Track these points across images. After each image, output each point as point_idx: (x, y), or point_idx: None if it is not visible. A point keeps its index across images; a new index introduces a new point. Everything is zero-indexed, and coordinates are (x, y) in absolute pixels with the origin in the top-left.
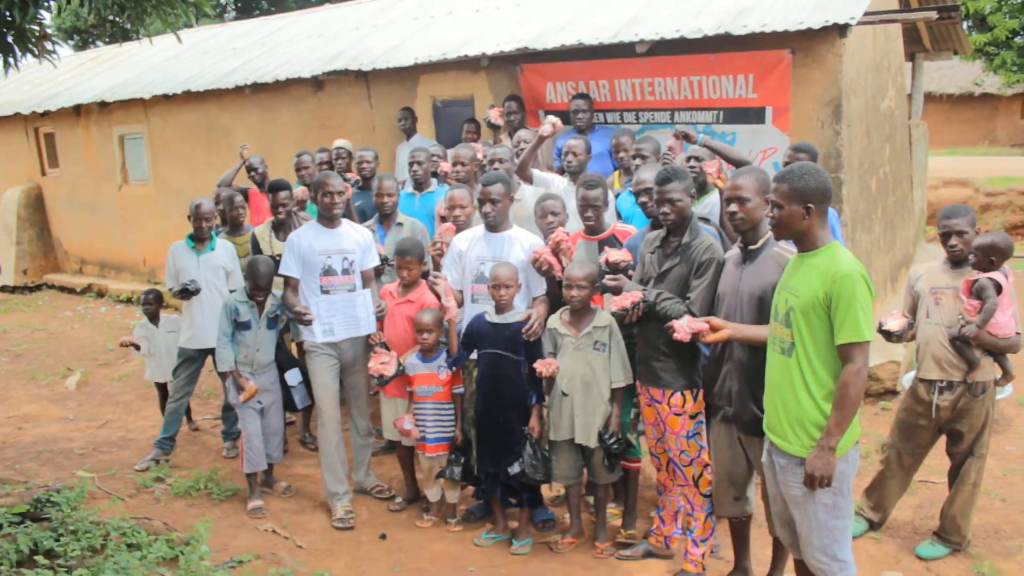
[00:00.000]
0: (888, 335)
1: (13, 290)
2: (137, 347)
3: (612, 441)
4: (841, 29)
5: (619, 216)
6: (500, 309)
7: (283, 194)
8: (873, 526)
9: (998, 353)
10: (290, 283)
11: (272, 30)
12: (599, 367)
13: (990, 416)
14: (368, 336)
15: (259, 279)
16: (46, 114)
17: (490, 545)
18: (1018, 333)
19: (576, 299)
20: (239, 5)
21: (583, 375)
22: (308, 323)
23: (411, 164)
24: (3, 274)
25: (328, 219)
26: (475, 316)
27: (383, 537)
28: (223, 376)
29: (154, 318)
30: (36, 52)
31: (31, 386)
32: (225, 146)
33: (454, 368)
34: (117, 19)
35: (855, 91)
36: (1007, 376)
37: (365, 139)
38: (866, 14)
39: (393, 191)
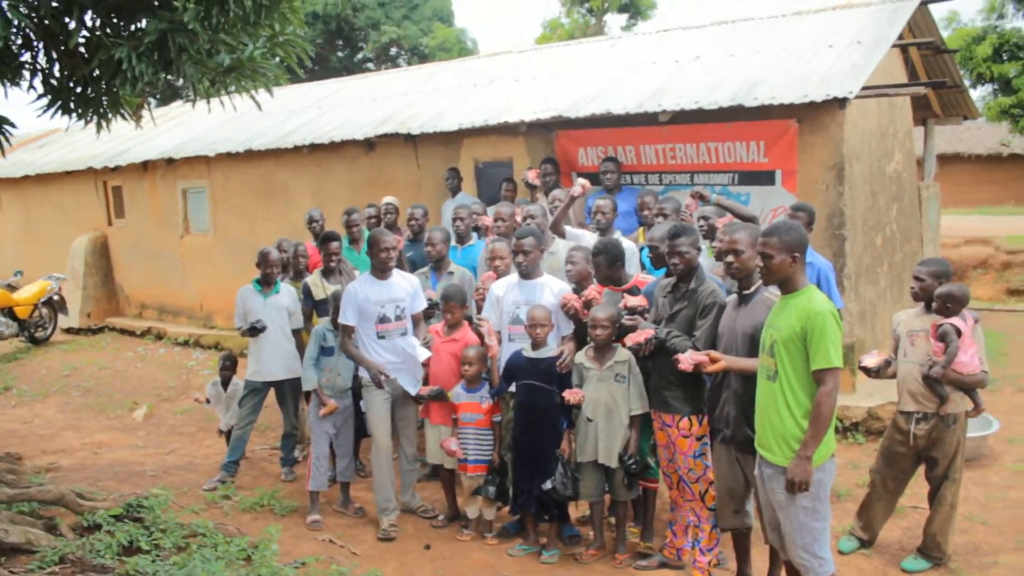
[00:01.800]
0: (867, 371)
1: (78, 331)
2: (208, 401)
3: (631, 462)
4: (840, 102)
5: (643, 267)
6: (536, 345)
7: (334, 244)
8: (864, 544)
9: (967, 388)
10: (347, 331)
11: (326, 93)
12: (620, 397)
13: (961, 444)
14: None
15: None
16: (115, 168)
17: (522, 556)
18: (984, 371)
19: (600, 337)
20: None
21: (606, 403)
22: (381, 382)
23: (454, 220)
24: (69, 316)
25: (381, 271)
26: (513, 352)
27: (427, 547)
28: (306, 396)
29: (226, 383)
30: (128, 116)
31: (101, 418)
32: (282, 200)
33: (495, 398)
34: (204, 89)
35: (858, 156)
36: (977, 408)
37: (413, 196)
38: (865, 88)
39: (437, 241)
